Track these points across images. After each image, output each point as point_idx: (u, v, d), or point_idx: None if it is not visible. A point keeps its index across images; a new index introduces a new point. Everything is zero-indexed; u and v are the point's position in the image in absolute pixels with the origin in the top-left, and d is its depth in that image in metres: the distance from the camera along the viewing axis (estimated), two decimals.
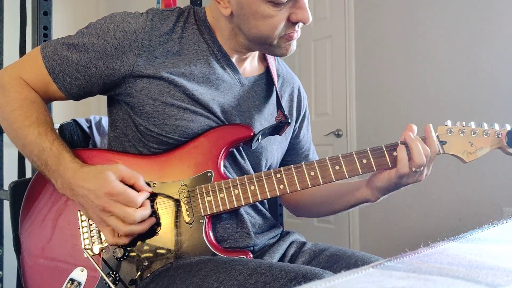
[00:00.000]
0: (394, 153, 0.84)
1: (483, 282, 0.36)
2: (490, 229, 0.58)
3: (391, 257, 0.41)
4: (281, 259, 0.95)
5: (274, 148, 1.00)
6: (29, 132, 0.84)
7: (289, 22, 0.83)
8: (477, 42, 2.32)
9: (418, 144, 0.81)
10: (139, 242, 0.85)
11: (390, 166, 0.84)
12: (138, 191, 0.81)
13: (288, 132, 1.04)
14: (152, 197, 0.86)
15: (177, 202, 0.86)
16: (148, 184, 0.85)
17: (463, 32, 2.37)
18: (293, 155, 1.09)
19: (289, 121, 0.95)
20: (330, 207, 1.02)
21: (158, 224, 0.85)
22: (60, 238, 0.87)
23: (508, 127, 0.85)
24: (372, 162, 0.84)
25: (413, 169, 0.81)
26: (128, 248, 0.84)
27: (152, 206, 0.85)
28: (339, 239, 2.97)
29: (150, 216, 0.83)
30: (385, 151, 0.84)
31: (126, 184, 0.81)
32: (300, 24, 0.85)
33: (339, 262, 0.89)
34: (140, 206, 0.80)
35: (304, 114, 1.10)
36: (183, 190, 0.86)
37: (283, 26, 0.83)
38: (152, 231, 0.85)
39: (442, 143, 0.85)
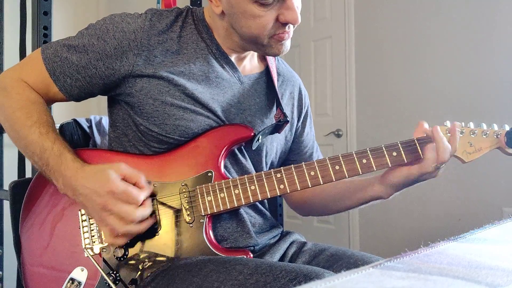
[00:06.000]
0: (394, 153, 0.84)
1: (483, 282, 0.36)
2: (490, 229, 0.58)
3: (391, 257, 0.41)
4: (282, 259, 0.95)
5: (274, 146, 1.01)
6: (31, 132, 0.85)
7: (279, 23, 0.83)
8: (477, 42, 2.32)
9: (445, 140, 0.82)
10: (139, 242, 0.85)
11: (390, 165, 0.84)
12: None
13: (288, 130, 1.04)
14: (153, 196, 0.86)
15: (177, 202, 0.86)
16: (149, 183, 0.85)
17: (463, 32, 2.37)
18: (297, 155, 1.09)
19: (288, 119, 0.96)
20: (341, 204, 1.01)
21: (158, 223, 0.85)
22: (61, 238, 0.87)
23: (507, 128, 0.85)
24: (372, 162, 0.84)
25: (437, 165, 0.82)
26: (129, 248, 0.84)
27: (153, 206, 0.85)
28: (339, 239, 2.97)
29: (151, 216, 0.83)
30: (385, 151, 0.84)
31: (128, 183, 0.81)
32: (291, 25, 0.84)
33: (339, 262, 0.89)
34: (141, 205, 0.80)
35: (306, 112, 1.10)
36: (184, 190, 0.86)
37: (272, 26, 0.83)
38: (152, 230, 0.85)
39: None
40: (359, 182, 0.96)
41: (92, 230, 0.86)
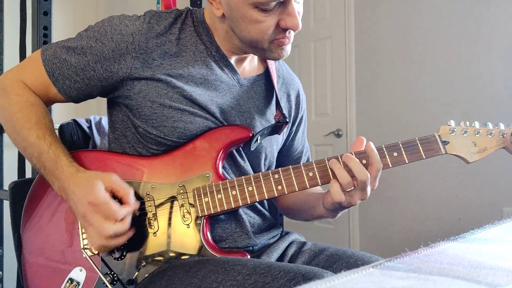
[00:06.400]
0: (395, 154, 0.83)
1: (483, 282, 0.36)
2: (490, 229, 0.58)
3: (391, 257, 0.41)
4: (281, 259, 0.95)
5: (274, 149, 1.00)
6: (29, 134, 0.85)
7: (279, 28, 0.82)
8: (476, 42, 2.31)
9: (343, 170, 0.79)
10: (137, 243, 0.84)
11: (391, 166, 0.84)
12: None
13: (285, 132, 1.04)
14: (150, 198, 0.86)
15: (175, 203, 0.86)
16: (139, 195, 0.84)
17: (462, 32, 2.37)
18: (285, 156, 1.08)
19: (287, 120, 0.95)
20: (302, 216, 1.03)
21: (156, 224, 0.85)
22: (60, 238, 0.87)
23: None
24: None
25: (347, 190, 0.80)
26: (126, 249, 0.84)
27: (150, 207, 0.85)
28: (339, 239, 2.96)
29: (144, 220, 0.82)
30: (385, 151, 0.84)
31: (116, 196, 0.80)
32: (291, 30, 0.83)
33: (339, 262, 0.89)
34: (121, 220, 0.78)
35: (302, 117, 1.09)
36: (181, 191, 0.86)
37: (273, 31, 0.82)
38: (150, 231, 0.85)
39: (444, 143, 0.84)
40: (313, 198, 0.95)
41: None
